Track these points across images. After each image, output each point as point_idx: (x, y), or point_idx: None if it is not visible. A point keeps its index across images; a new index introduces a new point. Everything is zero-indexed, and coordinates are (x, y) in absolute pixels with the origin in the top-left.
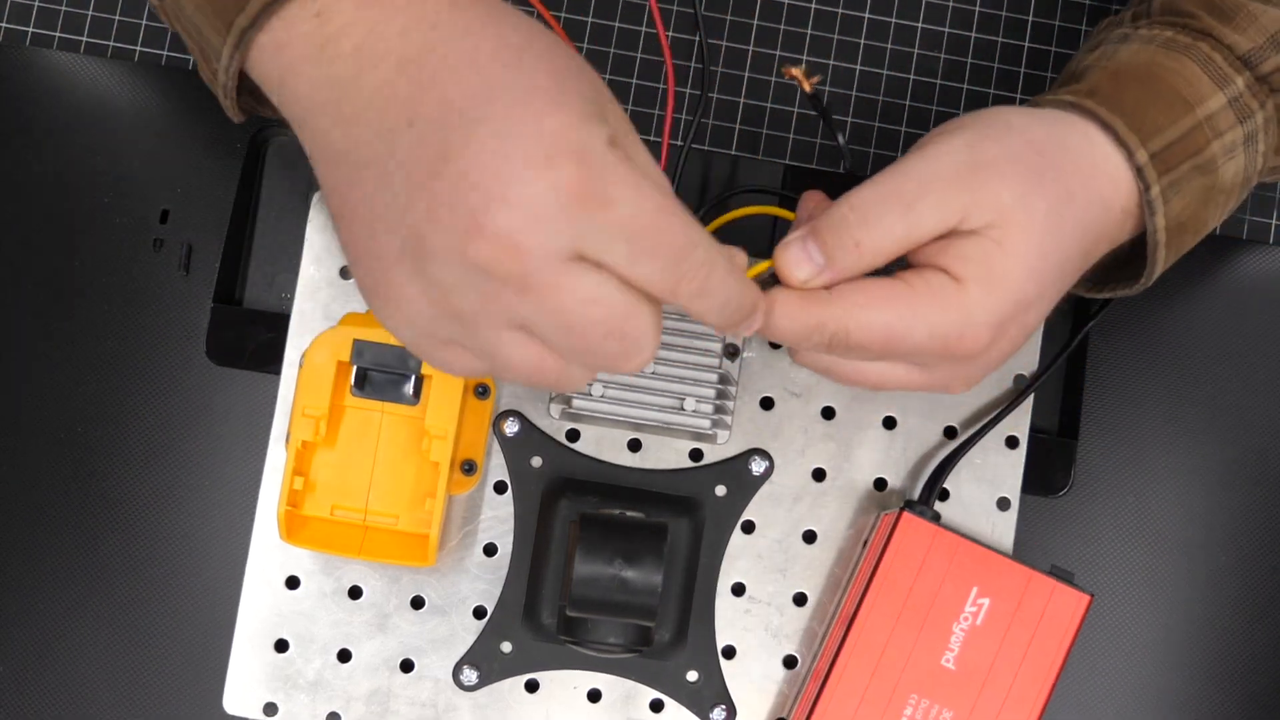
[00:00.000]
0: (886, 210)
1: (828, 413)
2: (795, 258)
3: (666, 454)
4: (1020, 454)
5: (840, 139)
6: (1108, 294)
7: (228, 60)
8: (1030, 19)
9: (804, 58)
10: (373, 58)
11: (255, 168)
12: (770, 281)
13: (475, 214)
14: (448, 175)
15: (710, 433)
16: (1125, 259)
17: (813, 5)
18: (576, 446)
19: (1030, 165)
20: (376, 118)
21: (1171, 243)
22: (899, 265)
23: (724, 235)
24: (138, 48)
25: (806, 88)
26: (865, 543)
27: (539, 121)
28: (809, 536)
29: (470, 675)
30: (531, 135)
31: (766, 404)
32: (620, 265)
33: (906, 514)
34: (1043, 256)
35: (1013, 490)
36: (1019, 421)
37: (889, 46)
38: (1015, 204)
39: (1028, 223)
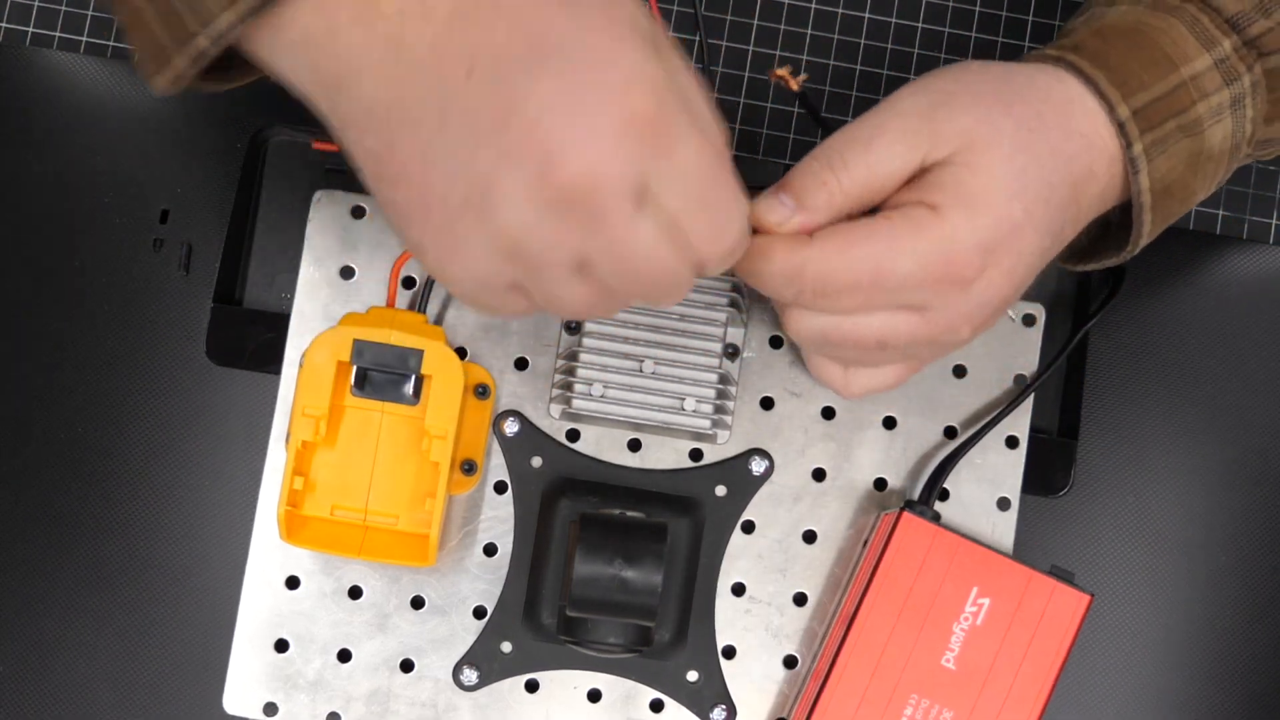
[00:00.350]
0: (849, 151)
1: (828, 413)
2: (767, 204)
3: (666, 454)
4: (1020, 454)
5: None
6: (1094, 265)
7: (228, 25)
8: (1030, 19)
9: (802, 57)
10: (422, 11)
11: (255, 168)
12: None
13: (551, 155)
14: (517, 121)
15: (710, 433)
16: (1112, 228)
17: (813, 5)
18: (576, 446)
19: (993, 93)
20: (431, 73)
21: (1158, 206)
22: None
23: None
24: None
25: (794, 86)
26: (865, 543)
27: (602, 57)
28: (809, 536)
29: (470, 675)
30: (599, 72)
31: (766, 404)
32: (675, 212)
33: (906, 514)
34: (1020, 175)
35: (1013, 490)
36: (1019, 421)
37: (889, 47)
38: (978, 125)
39: (995, 140)
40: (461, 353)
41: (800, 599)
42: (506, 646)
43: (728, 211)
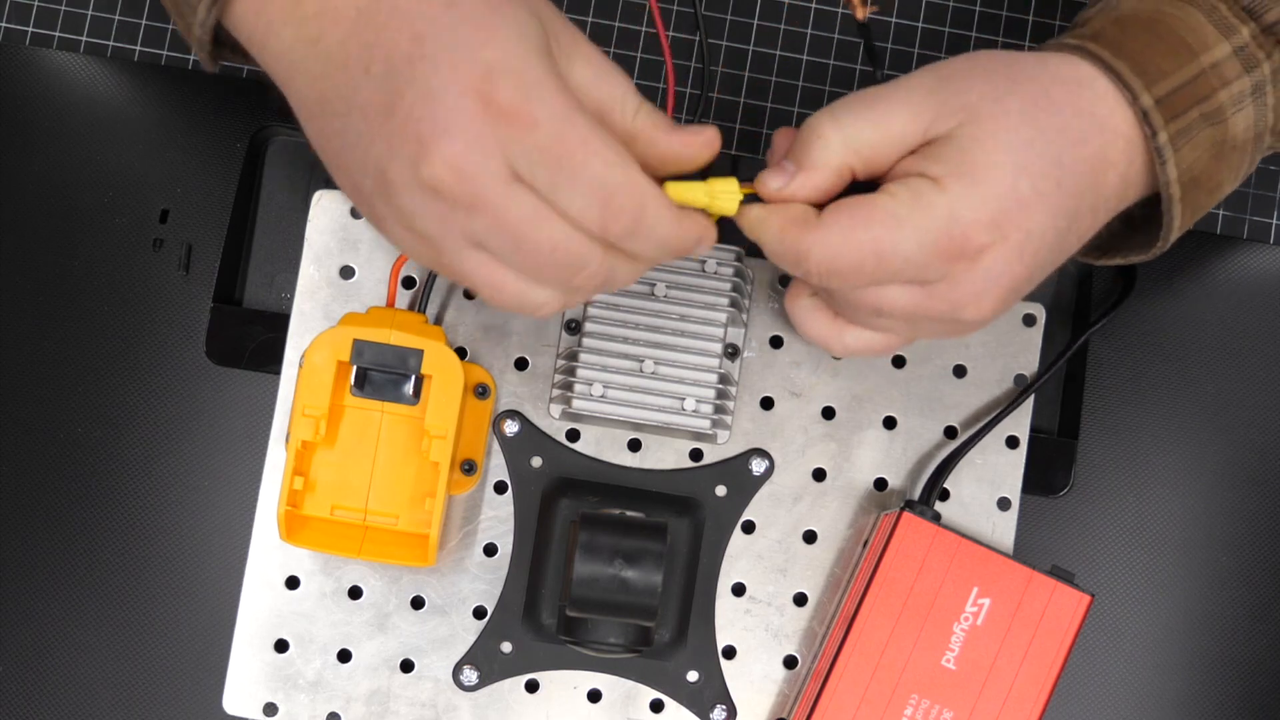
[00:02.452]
0: (852, 112)
1: (828, 413)
2: (770, 172)
3: (666, 454)
4: (1020, 454)
5: (879, 75)
6: (1119, 260)
7: (204, 15)
8: (1030, 19)
9: (803, 56)
10: (334, 15)
11: (255, 168)
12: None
13: (423, 142)
14: (399, 113)
15: (710, 433)
16: (1139, 224)
17: (813, 5)
18: (576, 446)
19: (1003, 73)
20: (340, 71)
21: (1187, 199)
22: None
23: (725, 235)
24: (138, 48)
25: (860, 15)
26: (865, 543)
27: (471, 51)
28: (809, 536)
29: (470, 675)
30: (465, 65)
31: (766, 404)
32: (545, 191)
33: (907, 514)
34: (1026, 149)
35: (1013, 490)
36: (1019, 421)
37: (889, 46)
38: (983, 100)
39: (999, 115)
40: (461, 353)
41: (800, 599)
42: (506, 646)
43: (604, 184)
